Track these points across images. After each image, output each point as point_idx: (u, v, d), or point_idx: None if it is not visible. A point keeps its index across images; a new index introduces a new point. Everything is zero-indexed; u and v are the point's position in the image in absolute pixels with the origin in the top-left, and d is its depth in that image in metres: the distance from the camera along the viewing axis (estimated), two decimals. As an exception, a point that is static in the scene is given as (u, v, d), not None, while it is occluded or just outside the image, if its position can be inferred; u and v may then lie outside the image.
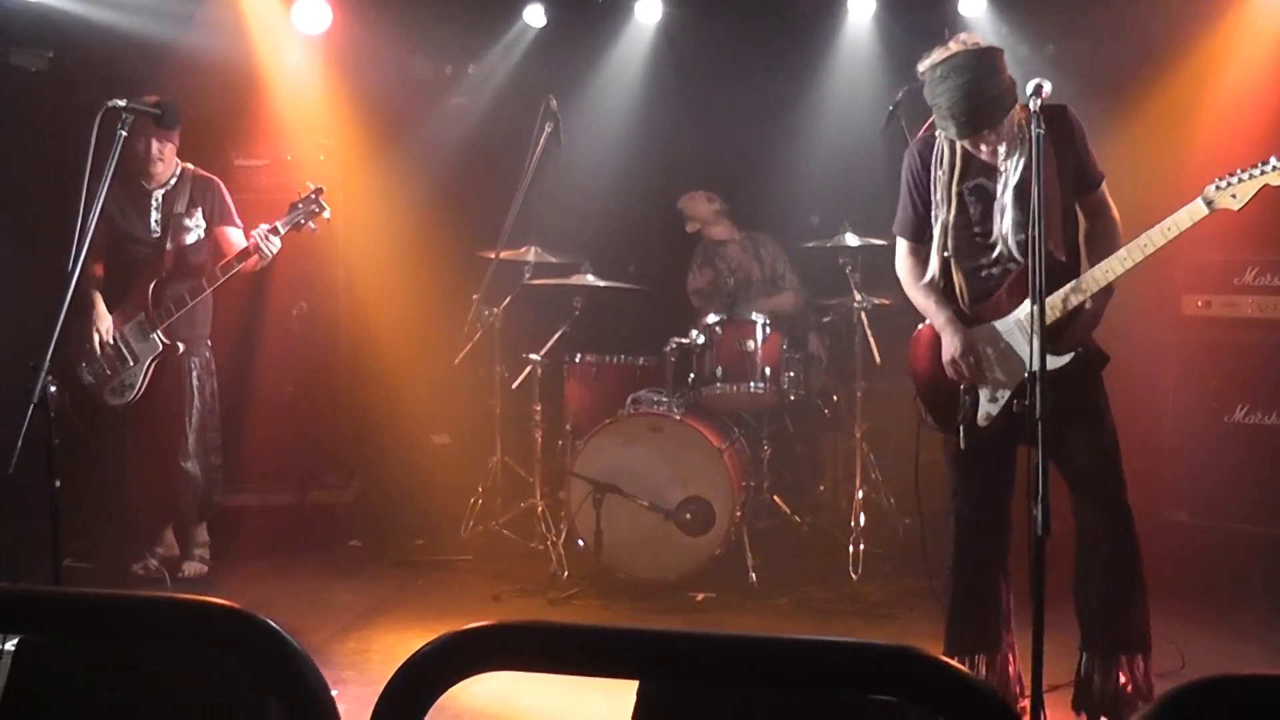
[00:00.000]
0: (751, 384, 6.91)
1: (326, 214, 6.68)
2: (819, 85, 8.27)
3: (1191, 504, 6.80)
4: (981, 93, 4.32)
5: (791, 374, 7.05)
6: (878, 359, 6.98)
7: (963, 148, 4.53)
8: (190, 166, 6.79)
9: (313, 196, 6.64)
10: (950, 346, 4.62)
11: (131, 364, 6.62)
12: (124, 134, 4.73)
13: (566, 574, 6.75)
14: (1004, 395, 4.58)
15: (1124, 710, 4.58)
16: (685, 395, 6.91)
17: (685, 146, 8.32)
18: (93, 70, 7.16)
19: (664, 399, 6.85)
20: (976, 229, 4.55)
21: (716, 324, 6.99)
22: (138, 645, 2.17)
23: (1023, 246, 4.46)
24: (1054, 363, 4.39)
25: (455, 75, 8.82)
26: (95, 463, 6.77)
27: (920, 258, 4.78)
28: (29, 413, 4.09)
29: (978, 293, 4.62)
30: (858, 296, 6.93)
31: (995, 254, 4.51)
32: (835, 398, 7.53)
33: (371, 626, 6.15)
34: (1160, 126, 6.78)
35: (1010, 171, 4.44)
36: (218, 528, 7.18)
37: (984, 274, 4.59)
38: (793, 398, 7.10)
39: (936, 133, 4.61)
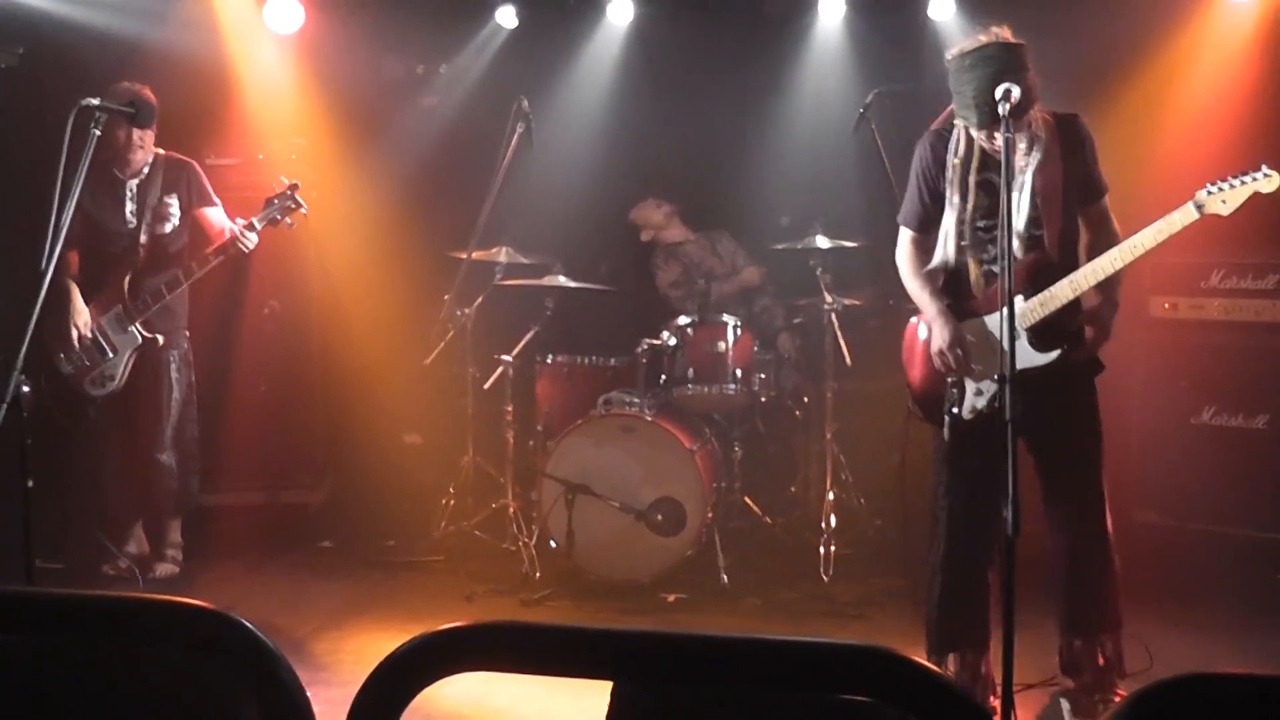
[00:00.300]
0: (723, 385, 6.91)
1: (304, 210, 6.67)
2: (790, 87, 8.28)
3: (1159, 504, 6.85)
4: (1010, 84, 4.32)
5: (763, 375, 7.08)
6: (848, 360, 7.00)
7: (978, 141, 4.54)
8: (162, 152, 6.75)
9: (288, 193, 6.63)
10: (939, 338, 4.66)
11: (111, 355, 6.60)
12: (97, 133, 4.73)
13: (539, 575, 6.74)
14: (990, 389, 4.60)
15: (1103, 683, 4.73)
16: (657, 396, 6.91)
17: (657, 147, 8.32)
18: (64, 67, 7.13)
19: (636, 400, 6.86)
20: (982, 223, 4.58)
21: (688, 325, 6.99)
22: (112, 646, 2.16)
23: (1027, 243, 4.51)
24: (1039, 359, 4.46)
25: (427, 75, 8.81)
26: (72, 458, 6.77)
27: (922, 249, 4.81)
28: (2, 411, 4.07)
29: (982, 286, 4.65)
30: (828, 298, 6.95)
31: (999, 248, 4.55)
32: (806, 399, 7.54)
33: (344, 627, 6.14)
34: (1129, 126, 6.82)
35: (1028, 168, 4.47)
36: (188, 527, 7.14)
37: (984, 269, 4.63)
38: (764, 399, 7.12)
39: (954, 123, 4.61)
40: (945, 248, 4.68)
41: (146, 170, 6.69)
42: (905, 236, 4.91)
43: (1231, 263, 6.69)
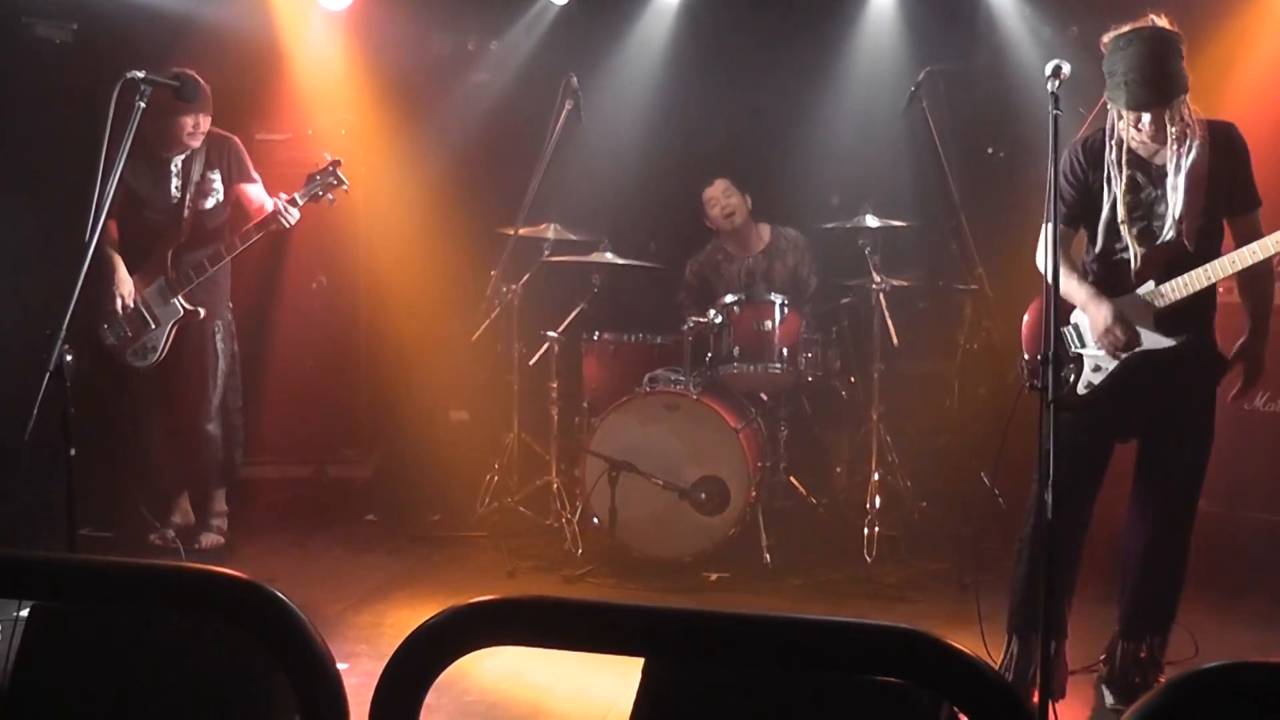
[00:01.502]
0: (769, 364, 6.88)
1: (345, 186, 6.69)
2: (841, 65, 8.22)
3: (1209, 491, 6.67)
4: (1161, 65, 4.29)
5: (809, 355, 7.02)
6: (895, 341, 6.94)
7: (1124, 136, 4.48)
8: (199, 142, 6.77)
9: (330, 169, 6.65)
10: (1101, 319, 4.55)
11: (153, 327, 6.65)
12: (142, 105, 4.74)
13: (581, 551, 6.75)
14: (1109, 366, 4.58)
15: (1134, 678, 4.70)
16: (702, 374, 6.89)
17: (705, 125, 8.27)
18: (116, 43, 7.17)
19: (681, 378, 6.84)
20: (1131, 215, 4.54)
21: (734, 303, 6.95)
22: (149, 614, 2.18)
23: (1166, 231, 4.47)
24: (1162, 342, 4.46)
25: (477, 52, 8.78)
26: (117, 427, 6.85)
27: (1065, 243, 4.72)
28: (44, 381, 4.10)
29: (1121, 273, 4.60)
30: (877, 278, 6.89)
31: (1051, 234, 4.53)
32: (853, 379, 7.49)
33: (386, 601, 6.18)
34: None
35: (1183, 157, 4.41)
36: (234, 499, 7.20)
37: (1129, 258, 4.57)
38: (810, 379, 7.07)
39: (1109, 121, 4.53)
40: (1102, 240, 4.61)
41: (189, 148, 6.73)
42: (1048, 232, 4.83)
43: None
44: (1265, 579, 6.11)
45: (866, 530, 6.68)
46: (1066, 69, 4.13)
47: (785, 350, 6.89)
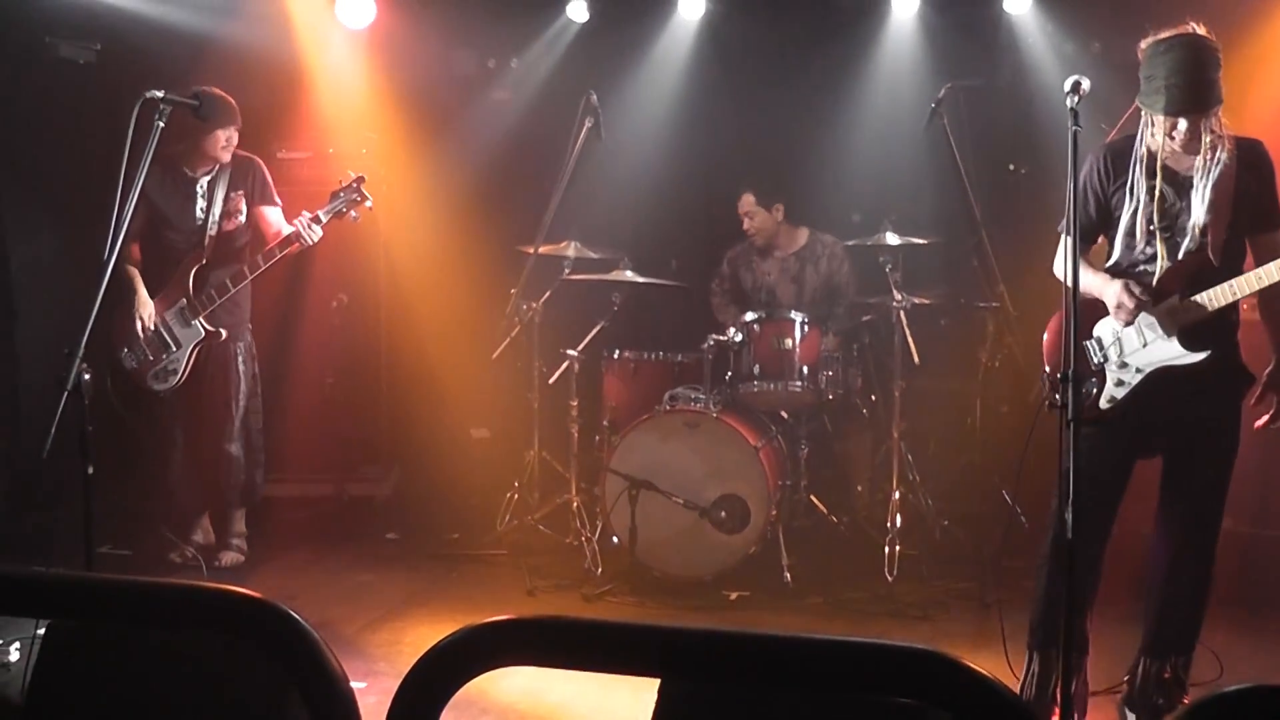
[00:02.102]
0: (789, 382, 6.86)
1: (369, 203, 6.72)
2: (861, 82, 8.22)
3: (1235, 510, 6.64)
4: (1202, 71, 4.27)
5: (830, 373, 7.01)
6: (916, 358, 6.91)
7: (1155, 145, 4.46)
8: (230, 155, 6.81)
9: (354, 185, 6.67)
10: (1115, 294, 4.52)
11: (174, 349, 6.67)
12: (161, 124, 4.77)
13: (600, 570, 6.74)
14: (1132, 380, 4.55)
15: (1157, 699, 4.66)
16: (722, 392, 6.88)
17: (726, 143, 8.29)
18: (139, 62, 7.22)
19: (701, 396, 6.83)
20: (1156, 225, 4.50)
21: (754, 321, 6.94)
22: (164, 633, 2.18)
23: (1192, 245, 4.44)
24: (1188, 358, 4.43)
25: (498, 69, 8.80)
26: (138, 448, 6.87)
27: (1085, 254, 4.67)
28: (63, 398, 4.12)
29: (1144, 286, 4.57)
30: (897, 295, 6.87)
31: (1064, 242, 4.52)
32: (874, 397, 7.47)
33: (405, 619, 6.18)
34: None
35: (1213, 168, 4.39)
36: (255, 517, 7.23)
37: (1153, 269, 4.55)
38: (831, 396, 7.05)
39: (1140, 128, 4.51)
40: (1126, 248, 4.58)
41: (215, 167, 6.76)
42: (1066, 244, 4.66)
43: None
44: (1267, 595, 6.07)
45: (888, 549, 6.65)
46: (1086, 85, 4.12)
47: (806, 368, 6.88)
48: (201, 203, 6.73)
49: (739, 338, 6.91)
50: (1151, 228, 4.49)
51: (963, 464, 7.45)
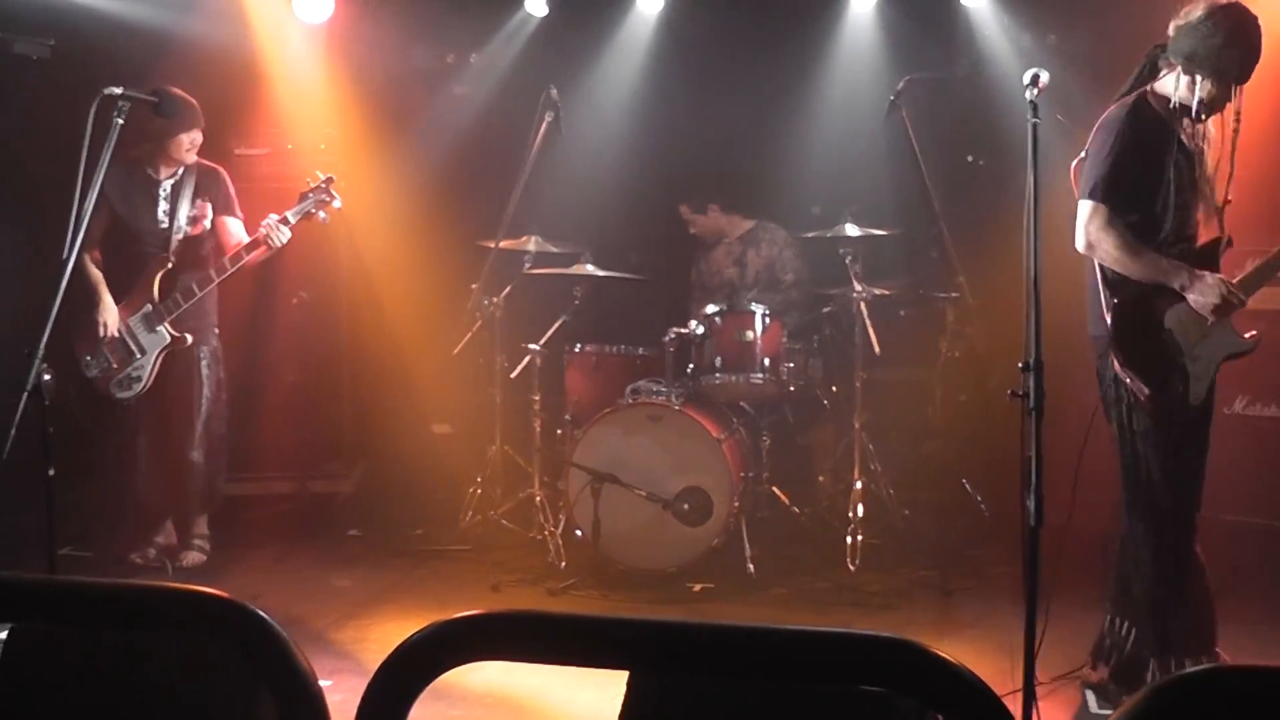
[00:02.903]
0: (751, 374, 6.88)
1: (337, 203, 6.71)
2: (820, 75, 8.24)
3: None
4: (1254, 46, 4.37)
5: (791, 364, 7.03)
6: (877, 349, 6.94)
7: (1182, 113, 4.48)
8: (195, 157, 6.79)
9: (323, 186, 6.65)
10: (1211, 294, 4.46)
11: (139, 356, 6.63)
12: (119, 121, 4.74)
13: (565, 564, 6.74)
14: (1208, 374, 4.56)
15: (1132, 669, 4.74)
16: (684, 385, 6.89)
17: (686, 136, 8.28)
18: (95, 58, 7.15)
19: (663, 389, 6.84)
20: (1180, 199, 4.52)
21: (716, 314, 6.96)
22: (130, 634, 2.16)
23: (1219, 223, 4.53)
24: (1242, 345, 4.58)
25: (457, 64, 8.77)
26: (100, 454, 6.83)
27: (1129, 227, 4.52)
28: (23, 400, 4.08)
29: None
30: (858, 287, 6.90)
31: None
32: (835, 388, 7.49)
33: (370, 615, 6.16)
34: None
35: (1234, 138, 4.45)
36: (218, 516, 7.19)
37: (1184, 245, 4.56)
38: (792, 388, 7.07)
39: (1174, 98, 4.48)
40: (1170, 223, 4.53)
41: (180, 172, 6.73)
42: (1104, 214, 4.51)
43: (1263, 251, 6.60)
44: (1247, 583, 6.12)
45: (850, 539, 6.68)
46: (1045, 77, 4.14)
47: (767, 360, 6.90)
48: (165, 205, 6.70)
49: (700, 330, 6.93)
50: (1212, 201, 4.52)
51: (924, 453, 7.48)
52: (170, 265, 6.68)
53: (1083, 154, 4.63)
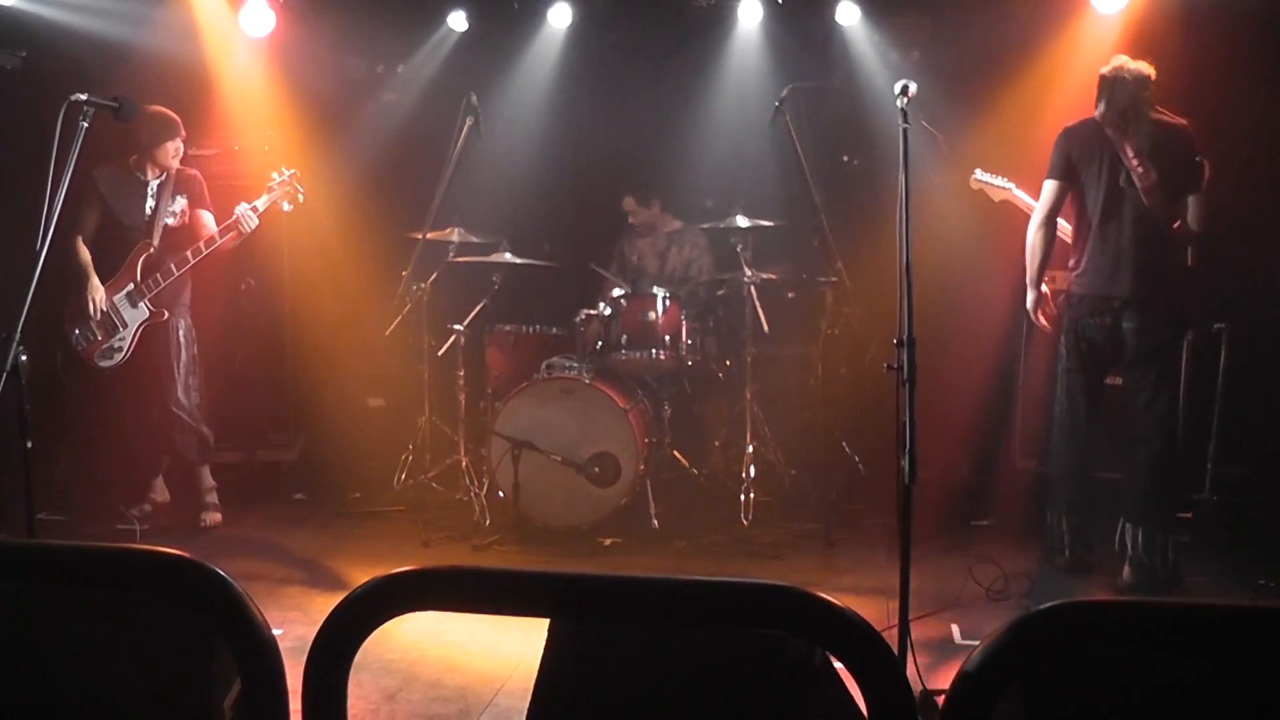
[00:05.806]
0: (653, 350, 6.90)
1: (301, 197, 6.83)
2: (714, 84, 8.26)
3: (1039, 453, 6.89)
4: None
5: (689, 341, 7.04)
6: (766, 328, 6.98)
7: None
8: (178, 163, 6.85)
9: (289, 180, 6.78)
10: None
11: (121, 330, 6.67)
12: (85, 124, 4.72)
13: (488, 522, 6.72)
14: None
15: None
16: (594, 361, 6.89)
17: (593, 137, 8.26)
18: (63, 68, 7.04)
19: (575, 364, 6.83)
20: None
21: (622, 297, 6.97)
22: (90, 594, 2.12)
23: None
24: None
25: (386, 74, 8.70)
26: (84, 421, 6.90)
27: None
28: (1, 380, 4.01)
29: None
30: (748, 272, 6.93)
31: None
32: (728, 362, 7.53)
33: (315, 571, 6.12)
34: (1011, 122, 6.85)
35: None
36: (173, 484, 7.14)
37: None
38: (690, 362, 7.09)
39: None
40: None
41: (164, 175, 6.80)
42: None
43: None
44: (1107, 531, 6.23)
45: (743, 497, 6.72)
46: (914, 88, 4.18)
47: (668, 338, 6.91)
48: (151, 202, 6.77)
49: (608, 311, 6.93)
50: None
51: (807, 420, 7.54)
52: (152, 250, 6.71)
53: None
